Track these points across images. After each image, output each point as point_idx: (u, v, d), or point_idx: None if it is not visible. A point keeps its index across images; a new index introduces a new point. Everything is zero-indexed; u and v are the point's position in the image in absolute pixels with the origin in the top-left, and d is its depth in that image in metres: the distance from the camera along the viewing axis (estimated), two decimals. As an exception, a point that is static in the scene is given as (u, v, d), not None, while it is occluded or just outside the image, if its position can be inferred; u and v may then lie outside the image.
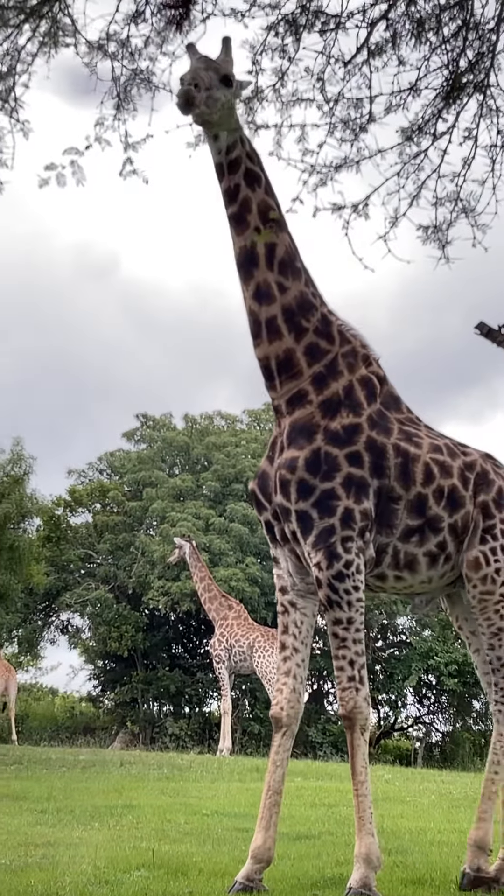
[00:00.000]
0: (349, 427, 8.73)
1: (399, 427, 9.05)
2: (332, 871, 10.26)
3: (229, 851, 11.47)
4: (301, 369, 8.83)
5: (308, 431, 8.68)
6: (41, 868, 10.24)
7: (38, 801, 16.90)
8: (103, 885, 9.33)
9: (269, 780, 9.03)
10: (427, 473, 9.04)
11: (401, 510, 8.91)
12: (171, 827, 13.49)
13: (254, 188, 8.71)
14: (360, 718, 8.61)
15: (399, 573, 9.15)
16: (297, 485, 8.56)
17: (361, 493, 8.63)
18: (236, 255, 8.84)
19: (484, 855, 9.46)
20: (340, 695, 8.65)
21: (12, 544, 26.61)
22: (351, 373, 8.95)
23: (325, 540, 8.50)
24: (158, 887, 9.02)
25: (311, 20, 7.58)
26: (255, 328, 8.85)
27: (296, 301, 8.82)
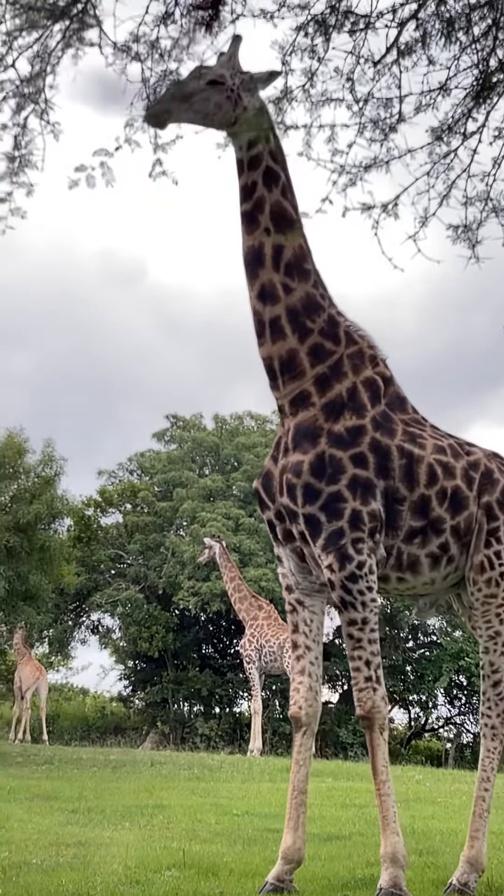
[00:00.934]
0: (353, 429, 8.70)
1: (403, 428, 9.00)
2: (362, 872, 10.25)
3: (260, 852, 11.47)
4: (304, 370, 8.79)
5: (312, 435, 8.65)
6: (72, 868, 10.27)
7: (70, 800, 16.94)
8: (134, 885, 9.35)
9: (293, 780, 9.01)
10: (430, 475, 8.99)
11: (405, 512, 8.86)
12: (201, 827, 13.50)
13: (270, 188, 8.65)
14: (378, 718, 8.58)
15: (401, 574, 9.11)
16: (304, 489, 8.54)
17: (368, 494, 8.60)
18: (244, 253, 8.79)
19: (475, 874, 9.43)
20: (358, 695, 8.62)
21: (43, 545, 26.68)
22: (355, 374, 8.90)
23: (336, 542, 8.48)
24: (189, 887, 9.03)
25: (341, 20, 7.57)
26: (258, 328, 8.81)
27: (301, 302, 8.77)
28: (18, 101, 7.09)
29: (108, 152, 7.35)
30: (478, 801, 9.64)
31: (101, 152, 7.35)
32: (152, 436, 45.02)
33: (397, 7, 7.62)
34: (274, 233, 8.70)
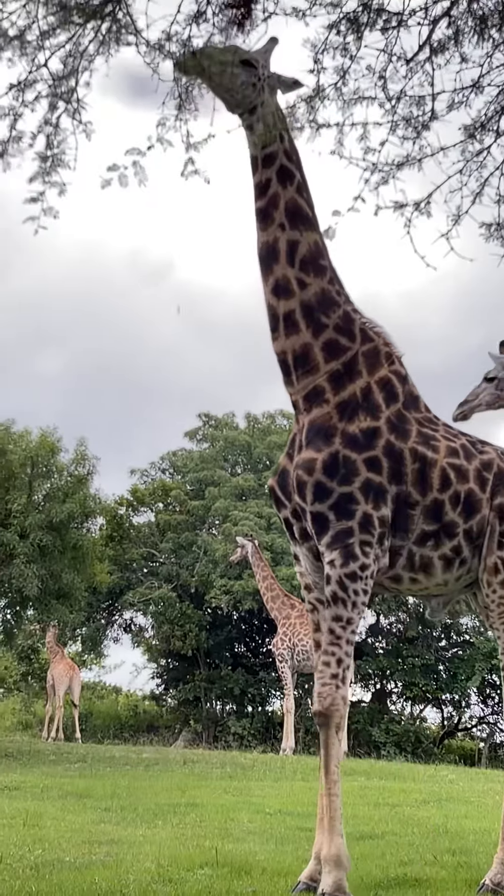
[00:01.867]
0: (368, 431, 8.66)
1: (417, 429, 8.95)
2: (395, 872, 10.23)
3: (293, 851, 11.47)
4: (317, 365, 8.73)
5: (326, 433, 8.61)
6: (105, 866, 10.29)
7: (102, 798, 16.98)
8: (167, 884, 9.36)
9: (326, 781, 8.98)
10: (443, 479, 8.95)
11: (417, 515, 8.83)
12: (234, 826, 13.51)
13: (285, 185, 8.66)
14: (336, 716, 8.51)
15: (414, 575, 9.07)
16: (314, 487, 8.49)
17: (380, 499, 8.57)
18: (258, 249, 8.77)
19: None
20: (319, 690, 8.55)
21: (76, 543, 26.75)
22: (370, 374, 8.84)
23: (343, 540, 8.44)
24: (222, 886, 9.03)
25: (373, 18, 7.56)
26: (273, 322, 8.79)
27: (316, 297, 8.74)
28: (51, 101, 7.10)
29: (140, 151, 7.35)
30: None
31: (133, 151, 7.35)
32: (184, 434, 45.08)
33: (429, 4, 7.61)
34: (289, 229, 8.70)
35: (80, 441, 27.82)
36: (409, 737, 36.11)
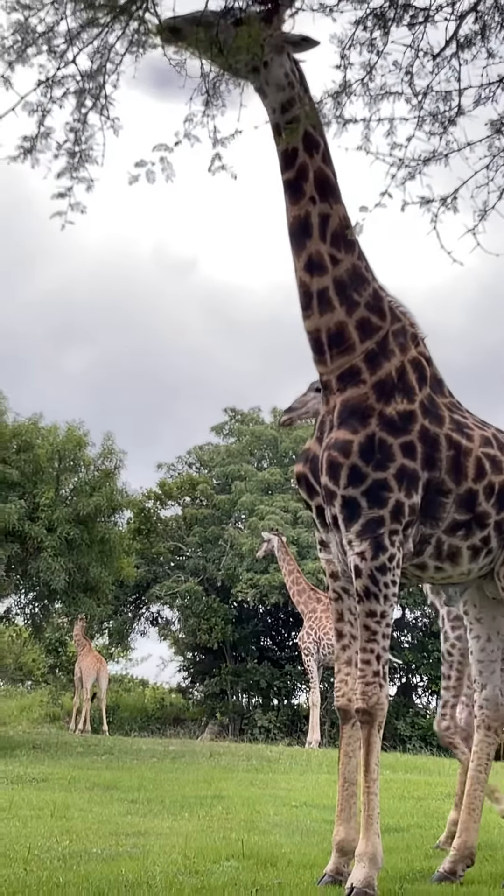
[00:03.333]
0: (404, 414, 8.52)
1: (449, 415, 8.85)
2: (420, 864, 10.24)
3: (318, 843, 11.48)
4: (353, 344, 8.59)
5: (362, 413, 8.44)
6: (132, 857, 10.31)
7: (129, 790, 17.03)
8: (193, 875, 9.38)
9: (343, 772, 8.97)
10: (479, 468, 8.86)
11: (449, 504, 8.73)
12: (260, 818, 13.54)
13: (312, 154, 8.49)
14: (379, 715, 8.45)
15: (440, 564, 8.98)
16: (349, 470, 8.31)
17: (412, 487, 8.45)
18: (289, 224, 8.62)
19: None
20: (363, 689, 8.47)
21: (103, 537, 26.77)
22: (403, 353, 8.70)
23: (374, 530, 8.31)
24: (248, 878, 9.05)
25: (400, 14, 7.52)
26: (305, 300, 8.63)
27: (348, 274, 8.60)
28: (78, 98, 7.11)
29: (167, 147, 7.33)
30: None
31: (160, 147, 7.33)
32: (211, 429, 45.09)
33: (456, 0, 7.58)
34: (319, 202, 8.56)
35: (106, 435, 27.84)
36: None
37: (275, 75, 8.27)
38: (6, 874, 9.20)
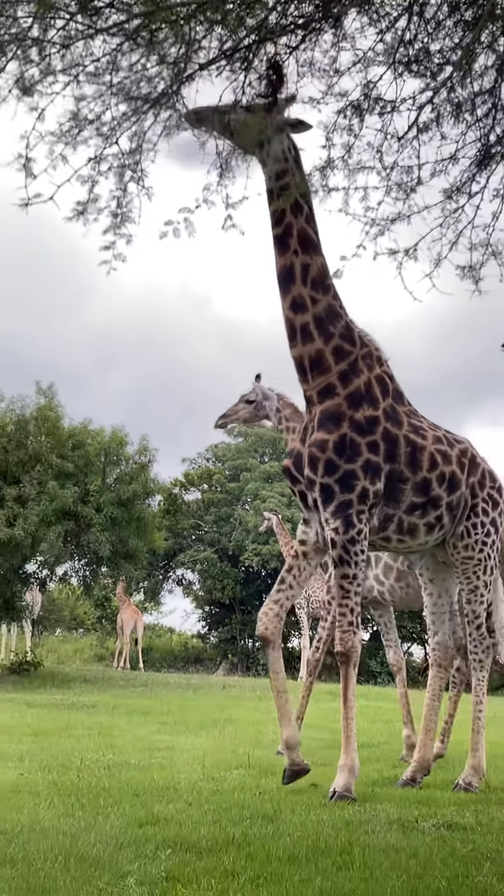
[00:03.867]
0: (370, 419, 8.65)
1: (407, 420, 8.97)
2: (388, 773, 10.25)
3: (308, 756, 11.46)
4: (329, 366, 8.69)
5: (336, 418, 8.57)
6: (162, 767, 10.33)
7: (160, 714, 17.04)
8: (210, 781, 9.39)
9: (275, 685, 8.96)
10: (432, 461, 8.98)
11: (408, 489, 8.84)
12: (262, 736, 13.54)
13: (297, 216, 8.56)
14: (354, 656, 8.65)
15: (402, 537, 9.08)
16: (325, 463, 8.49)
17: (376, 477, 8.59)
18: (277, 271, 8.71)
19: (478, 777, 9.51)
20: (341, 636, 8.62)
21: (139, 516, 26.86)
22: (369, 371, 8.82)
23: (344, 511, 8.45)
24: (252, 783, 9.06)
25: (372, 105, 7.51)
26: (290, 332, 8.73)
27: (325, 311, 8.69)
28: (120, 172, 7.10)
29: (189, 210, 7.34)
30: (475, 720, 9.70)
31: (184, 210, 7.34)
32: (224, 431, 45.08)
33: (416, 94, 7.57)
34: (301, 254, 8.63)
35: (142, 437, 27.94)
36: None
37: (274, 150, 8.32)
38: (64, 780, 9.21)
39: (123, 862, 5.83)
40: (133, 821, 7.13)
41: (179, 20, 6.46)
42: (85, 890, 5.21)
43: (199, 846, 6.28)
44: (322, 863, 5.88)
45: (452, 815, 7.73)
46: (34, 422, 25.88)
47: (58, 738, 13.27)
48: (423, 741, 9.82)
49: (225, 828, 6.85)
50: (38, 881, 5.36)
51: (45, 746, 12.17)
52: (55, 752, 11.45)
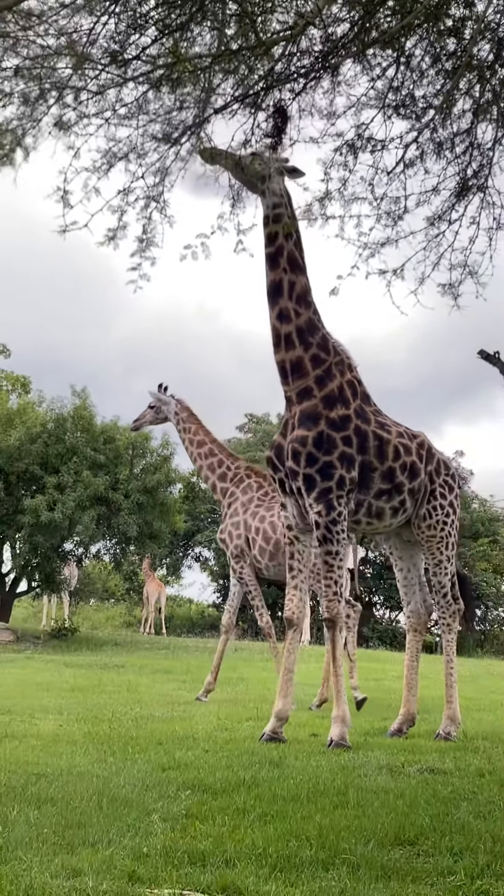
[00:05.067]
0: (343, 417, 8.77)
1: (374, 418, 9.09)
2: (378, 724, 10.25)
3: (307, 711, 11.51)
4: (307, 371, 8.81)
5: (314, 418, 8.68)
6: (182, 719, 10.35)
7: (180, 673, 17.09)
8: (224, 731, 9.42)
9: (285, 663, 9.05)
10: (396, 452, 9.10)
11: (376, 477, 8.96)
12: (269, 693, 13.54)
13: (287, 239, 8.70)
14: (339, 621, 8.75)
15: (370, 520, 9.19)
16: (307, 456, 8.60)
17: (350, 466, 8.71)
18: (267, 285, 8.83)
19: (454, 726, 9.53)
20: (327, 604, 8.73)
21: (163, 501, 26.93)
22: (342, 377, 8.95)
23: (325, 496, 8.56)
24: (261, 732, 9.07)
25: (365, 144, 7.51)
26: (276, 340, 8.84)
27: (305, 324, 8.81)
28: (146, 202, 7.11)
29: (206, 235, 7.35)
30: (447, 676, 9.80)
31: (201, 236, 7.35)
32: (235, 427, 45.08)
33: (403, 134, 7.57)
34: (289, 272, 8.74)
35: (164, 433, 28.00)
36: (388, 633, 36.04)
37: (273, 187, 8.53)
38: (97, 730, 9.24)
39: (149, 801, 5.85)
40: (157, 766, 7.16)
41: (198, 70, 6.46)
42: (116, 825, 5.23)
43: (214, 787, 6.29)
44: (321, 802, 5.89)
45: (434, 760, 7.73)
46: (71, 420, 26.03)
47: (92, 694, 13.31)
48: (406, 697, 9.86)
49: (237, 772, 6.86)
50: (76, 818, 5.39)
51: (80, 701, 12.21)
52: (90, 706, 11.49)
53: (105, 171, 6.88)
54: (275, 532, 13.02)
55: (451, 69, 6.94)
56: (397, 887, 4.26)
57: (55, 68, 6.43)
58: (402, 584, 10.18)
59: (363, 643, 33.95)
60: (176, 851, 4.70)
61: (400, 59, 6.94)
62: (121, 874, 4.32)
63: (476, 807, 5.87)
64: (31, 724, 9.63)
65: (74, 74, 6.41)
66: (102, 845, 4.82)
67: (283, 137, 7.32)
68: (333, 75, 6.85)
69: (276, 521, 13.04)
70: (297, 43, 6.59)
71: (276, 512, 13.21)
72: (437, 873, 4.47)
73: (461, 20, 6.72)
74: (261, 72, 6.72)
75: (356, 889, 4.21)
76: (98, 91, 6.55)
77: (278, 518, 13.13)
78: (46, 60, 6.38)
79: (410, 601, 10.17)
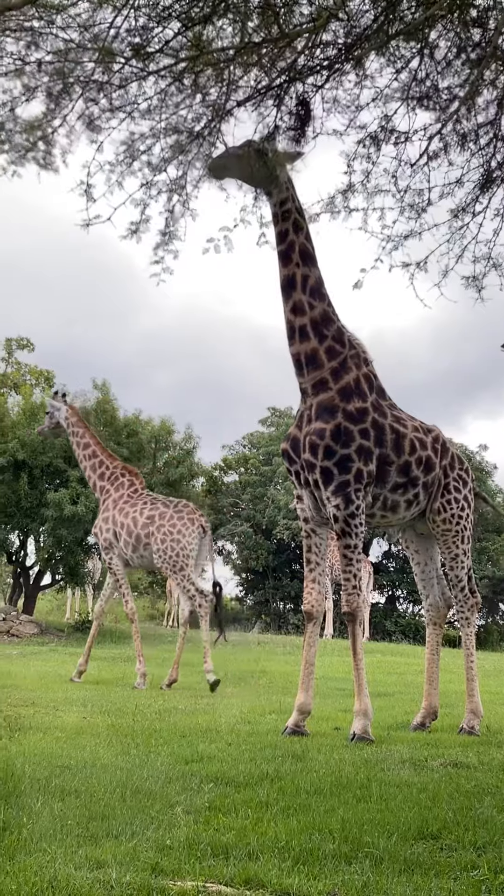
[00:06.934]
0: (360, 410, 8.73)
1: (390, 412, 9.07)
2: (402, 718, 10.23)
3: (332, 703, 11.51)
4: (322, 363, 8.78)
5: (331, 410, 8.64)
6: (205, 712, 10.37)
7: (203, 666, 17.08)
8: (247, 724, 9.42)
9: (305, 656, 9.07)
10: (412, 446, 9.09)
11: (392, 471, 8.95)
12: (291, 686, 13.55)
13: (297, 234, 8.66)
14: (359, 614, 8.73)
15: (385, 513, 9.21)
16: (324, 449, 8.56)
17: (368, 459, 8.69)
18: (281, 280, 8.81)
19: (477, 719, 9.52)
20: (346, 598, 8.73)
21: (185, 495, 26.94)
22: (357, 370, 8.91)
23: (343, 489, 8.54)
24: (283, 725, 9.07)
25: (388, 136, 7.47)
26: (290, 333, 8.81)
27: (320, 316, 8.78)
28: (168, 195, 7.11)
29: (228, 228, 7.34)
30: (468, 669, 9.79)
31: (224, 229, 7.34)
32: (258, 421, 45.11)
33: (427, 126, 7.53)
34: (301, 266, 8.71)
35: (187, 426, 28.19)
36: (411, 627, 35.89)
37: (279, 182, 8.45)
38: (121, 723, 9.27)
39: (172, 794, 5.87)
40: (180, 758, 7.17)
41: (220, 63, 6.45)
42: (139, 818, 5.25)
43: (237, 780, 6.30)
44: (344, 795, 5.88)
45: (458, 754, 7.71)
46: (94, 413, 26.05)
47: (115, 687, 13.36)
48: (427, 691, 9.84)
49: (260, 765, 6.87)
50: (99, 810, 5.41)
51: (104, 693, 12.26)
52: (113, 699, 11.53)
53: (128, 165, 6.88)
54: (136, 527, 14.44)
55: (475, 59, 6.89)
56: (420, 881, 4.25)
57: (79, 62, 6.44)
58: (420, 577, 10.20)
59: (385, 637, 33.93)
60: (199, 844, 4.71)
61: (424, 51, 6.89)
62: (144, 866, 4.34)
63: (499, 801, 5.85)
64: (55, 717, 9.68)
65: (98, 68, 6.42)
66: (126, 837, 4.84)
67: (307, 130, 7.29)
68: (357, 68, 6.82)
69: (137, 517, 14.46)
70: (320, 35, 6.56)
71: (139, 508, 14.51)
72: (461, 867, 4.46)
73: (486, 10, 6.67)
74: (283, 65, 6.69)
75: (379, 883, 4.21)
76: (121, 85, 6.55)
77: (139, 514, 14.42)
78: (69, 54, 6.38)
79: (429, 595, 10.17)
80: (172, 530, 14.45)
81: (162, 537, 14.40)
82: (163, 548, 14.34)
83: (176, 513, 14.66)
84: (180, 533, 14.49)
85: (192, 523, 14.66)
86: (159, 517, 14.57)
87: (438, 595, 10.13)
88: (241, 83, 6.71)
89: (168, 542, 14.35)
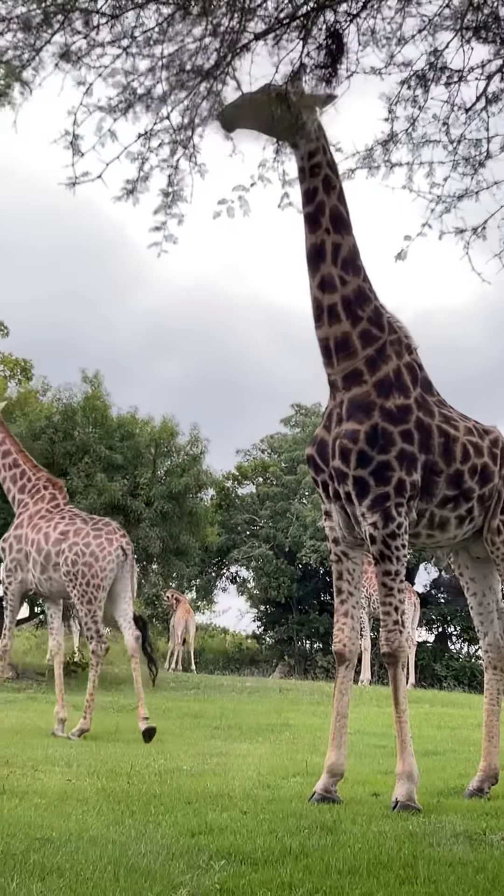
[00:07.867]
0: (402, 407, 8.62)
1: (438, 410, 8.95)
2: (455, 783, 10.19)
3: (369, 763, 11.47)
4: (356, 350, 8.67)
5: (366, 408, 8.53)
6: (216, 773, 10.36)
7: (213, 718, 17.11)
8: (265, 789, 9.41)
9: (336, 706, 9.01)
10: (464, 453, 8.97)
11: (441, 482, 8.85)
12: (320, 742, 13.52)
13: (329, 194, 8.55)
14: (402, 656, 8.62)
15: (431, 532, 9.12)
16: (358, 454, 8.44)
17: (412, 467, 8.57)
18: (307, 250, 8.69)
19: None
20: (387, 636, 8.61)
21: (191, 510, 26.98)
22: (398, 358, 8.80)
23: (382, 504, 8.43)
24: (310, 791, 9.05)
25: (438, 75, 7.46)
26: (317, 313, 8.71)
27: (353, 293, 8.67)
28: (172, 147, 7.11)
29: (244, 188, 7.34)
30: None
31: (239, 188, 7.34)
32: (280, 421, 45.11)
33: (486, 62, 7.50)
34: (333, 233, 8.61)
35: (193, 426, 28.08)
36: (466, 671, 35.82)
37: (306, 131, 8.29)
38: (113, 786, 9.28)
39: (175, 873, 5.87)
40: (185, 830, 7.17)
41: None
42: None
43: (254, 857, 6.29)
44: (384, 877, 5.87)
45: (523, 827, 7.67)
46: (82, 412, 26.05)
47: (106, 743, 13.38)
48: (486, 749, 9.76)
49: (282, 838, 6.86)
50: (87, 892, 5.41)
51: (93, 751, 12.28)
52: (104, 758, 11.55)
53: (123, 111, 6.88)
54: (47, 543, 14.58)
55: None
56: None
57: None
58: (477, 611, 10.10)
59: (435, 683, 33.85)
60: (208, 934, 4.71)
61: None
62: None
63: None
64: (33, 779, 9.69)
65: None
66: (120, 925, 4.84)
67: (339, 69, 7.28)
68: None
69: (49, 533, 14.62)
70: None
71: (54, 524, 14.70)
72: None
73: None
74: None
75: None
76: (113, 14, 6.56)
77: (52, 529, 14.60)
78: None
79: (487, 632, 10.06)
80: (85, 550, 14.60)
81: (73, 557, 14.56)
82: (73, 571, 14.48)
83: (94, 530, 14.81)
84: (93, 555, 14.64)
85: (109, 544, 14.77)
86: (73, 533, 14.73)
87: (499, 632, 10.04)
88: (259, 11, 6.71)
89: (79, 566, 14.50)
